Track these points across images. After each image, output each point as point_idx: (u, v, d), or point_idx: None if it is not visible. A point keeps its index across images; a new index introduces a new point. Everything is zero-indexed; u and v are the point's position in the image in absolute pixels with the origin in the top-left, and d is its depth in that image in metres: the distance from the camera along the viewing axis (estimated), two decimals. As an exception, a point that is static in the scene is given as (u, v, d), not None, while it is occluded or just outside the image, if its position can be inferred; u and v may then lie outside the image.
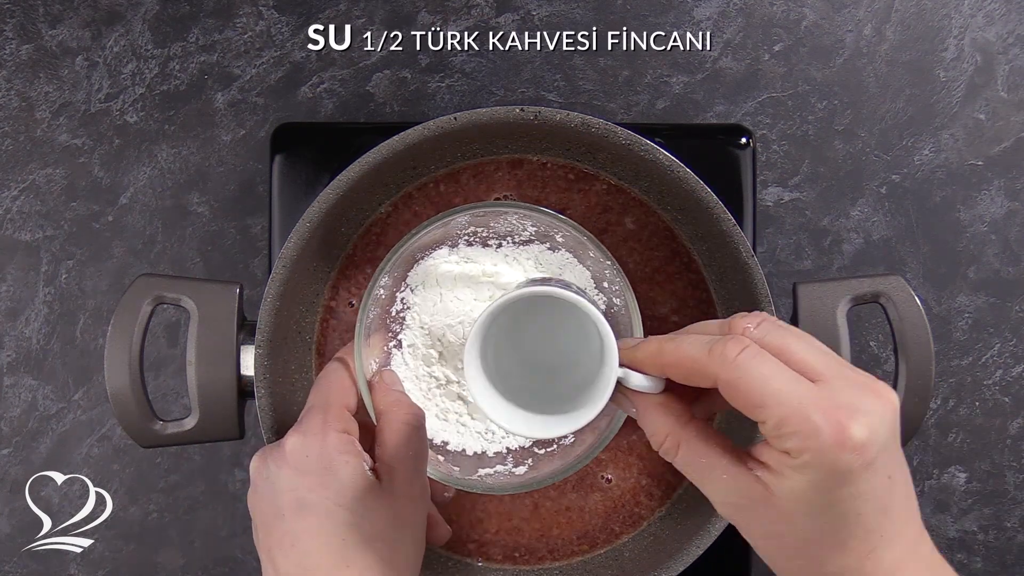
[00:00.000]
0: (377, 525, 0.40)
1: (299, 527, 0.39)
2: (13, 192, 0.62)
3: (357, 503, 0.40)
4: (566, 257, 0.50)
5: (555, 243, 0.49)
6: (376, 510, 0.40)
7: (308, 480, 0.40)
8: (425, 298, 0.49)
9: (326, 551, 0.39)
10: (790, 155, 0.62)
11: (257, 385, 0.48)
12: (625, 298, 0.46)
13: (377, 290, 0.46)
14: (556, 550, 0.53)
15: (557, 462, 0.48)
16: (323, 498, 0.39)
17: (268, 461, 0.41)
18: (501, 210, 0.47)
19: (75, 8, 0.63)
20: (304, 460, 0.40)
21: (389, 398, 0.44)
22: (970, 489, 0.62)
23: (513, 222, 0.48)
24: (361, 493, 0.40)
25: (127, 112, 0.63)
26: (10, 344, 0.62)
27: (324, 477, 0.40)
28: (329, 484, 0.40)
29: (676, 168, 0.48)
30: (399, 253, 0.46)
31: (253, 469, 0.42)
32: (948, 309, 0.62)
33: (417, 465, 0.42)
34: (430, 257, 0.50)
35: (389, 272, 0.47)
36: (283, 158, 0.57)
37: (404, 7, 0.63)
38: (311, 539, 0.39)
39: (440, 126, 0.48)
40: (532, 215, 0.46)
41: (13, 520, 0.62)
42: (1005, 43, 0.62)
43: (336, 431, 0.41)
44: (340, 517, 0.39)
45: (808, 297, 0.49)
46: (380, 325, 0.49)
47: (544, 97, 0.63)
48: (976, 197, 0.62)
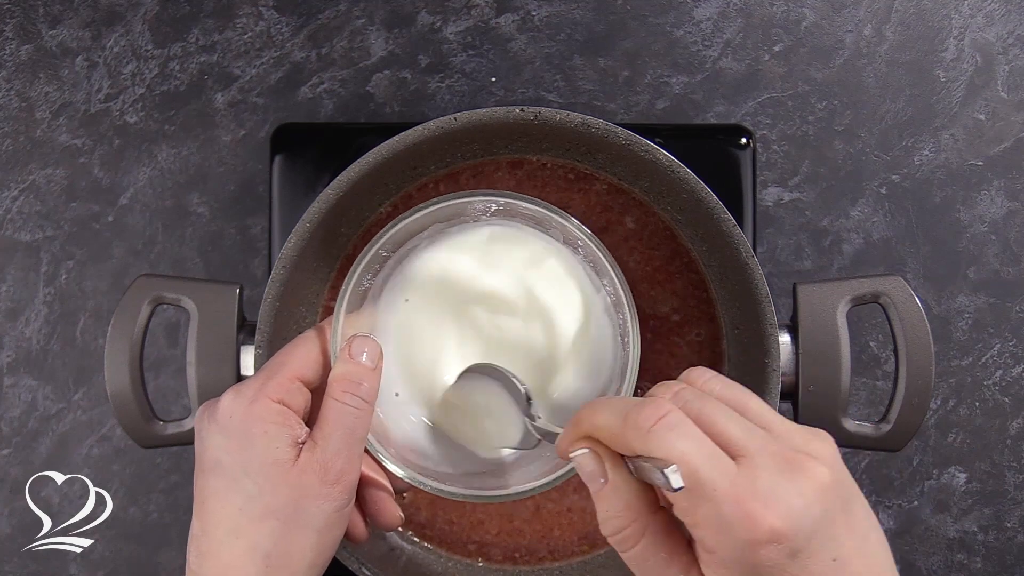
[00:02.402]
0: (277, 502, 0.38)
1: (209, 486, 0.39)
2: (13, 192, 0.62)
3: (261, 475, 0.38)
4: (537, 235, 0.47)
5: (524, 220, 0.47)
6: (279, 486, 0.38)
7: (227, 442, 0.39)
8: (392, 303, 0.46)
9: (223, 516, 0.38)
10: (790, 155, 0.62)
11: (257, 385, 0.48)
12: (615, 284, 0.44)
13: (382, 253, 0.43)
14: (556, 551, 0.53)
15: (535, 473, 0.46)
16: (234, 463, 0.38)
17: (204, 414, 0.40)
18: (468, 200, 0.44)
19: (75, 8, 0.63)
20: (228, 421, 0.39)
21: (341, 369, 0.40)
22: (970, 489, 0.62)
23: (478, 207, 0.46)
24: (269, 466, 0.38)
25: (127, 112, 0.63)
26: (10, 344, 0.62)
27: (240, 442, 0.39)
28: (242, 450, 0.38)
29: (676, 168, 0.48)
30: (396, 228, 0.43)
31: (195, 419, 0.41)
32: (948, 309, 0.62)
33: (344, 448, 0.39)
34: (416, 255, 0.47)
35: (387, 247, 0.44)
36: (283, 158, 0.57)
37: (404, 7, 0.63)
38: (215, 501, 0.39)
39: (440, 126, 0.48)
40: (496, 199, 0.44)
41: (13, 520, 0.62)
42: (1005, 43, 0.62)
43: (269, 398, 0.39)
44: (243, 486, 0.38)
45: (808, 297, 0.49)
46: (379, 295, 0.46)
47: (544, 97, 0.63)
48: (976, 197, 0.62)
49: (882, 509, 0.62)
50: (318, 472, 0.39)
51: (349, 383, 0.40)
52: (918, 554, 0.62)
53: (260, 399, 0.39)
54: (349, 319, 0.43)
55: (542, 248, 0.46)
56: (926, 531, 0.62)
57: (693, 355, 0.53)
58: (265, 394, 0.39)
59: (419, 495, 0.54)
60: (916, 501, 0.62)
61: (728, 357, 0.53)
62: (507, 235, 0.46)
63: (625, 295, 0.41)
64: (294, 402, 0.40)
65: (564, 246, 0.45)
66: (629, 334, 0.42)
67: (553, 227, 0.44)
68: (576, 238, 0.43)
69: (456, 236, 0.46)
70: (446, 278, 0.45)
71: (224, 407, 0.39)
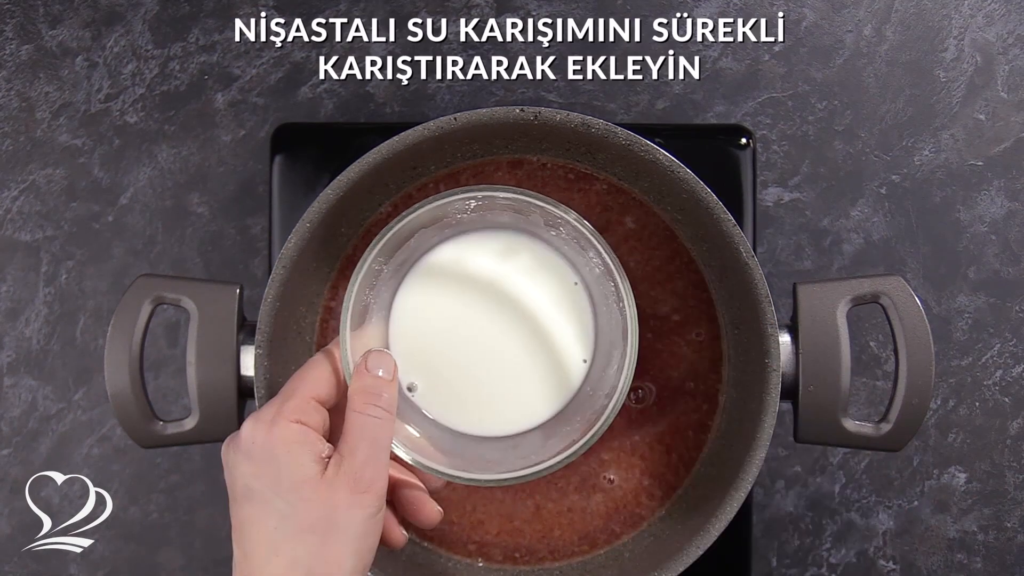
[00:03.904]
0: (311, 517, 0.39)
1: (244, 514, 0.40)
2: (13, 192, 0.62)
3: (292, 493, 0.39)
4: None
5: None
6: (311, 501, 0.39)
7: (254, 468, 0.40)
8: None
9: (260, 539, 0.39)
10: (790, 155, 0.62)
11: (257, 385, 0.48)
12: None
13: (373, 268, 0.44)
14: (557, 551, 0.53)
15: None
16: (264, 486, 0.40)
17: (229, 446, 0.41)
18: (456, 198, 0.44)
19: (75, 8, 0.63)
20: (251, 447, 0.40)
21: (359, 383, 0.42)
22: (970, 489, 0.62)
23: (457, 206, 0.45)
24: (298, 483, 0.39)
25: (127, 112, 0.63)
26: (10, 344, 0.62)
27: (267, 466, 0.40)
28: (270, 473, 0.40)
29: (676, 168, 0.48)
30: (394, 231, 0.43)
31: (222, 453, 0.42)
32: (948, 309, 0.62)
33: (371, 457, 0.41)
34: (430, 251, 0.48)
35: (385, 253, 0.44)
36: (283, 158, 0.57)
37: (404, 7, 0.63)
38: (251, 526, 0.40)
39: (440, 126, 0.48)
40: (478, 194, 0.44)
41: (13, 520, 0.62)
42: (1005, 43, 0.62)
43: (288, 420, 0.40)
44: (275, 506, 0.39)
45: (808, 297, 0.49)
46: (387, 307, 0.47)
47: (544, 97, 0.63)
48: (976, 197, 0.62)
49: (882, 509, 0.62)
50: (348, 483, 0.40)
51: (370, 395, 0.41)
52: (918, 554, 0.62)
53: (279, 422, 0.40)
54: (355, 335, 0.43)
55: (521, 236, 0.47)
56: (926, 531, 0.62)
57: (693, 355, 0.53)
58: (283, 416, 0.40)
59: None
60: (916, 501, 0.62)
61: (728, 357, 0.53)
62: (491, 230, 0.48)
63: (613, 262, 0.42)
64: (313, 421, 0.41)
65: (546, 228, 0.46)
66: (624, 299, 0.43)
67: (532, 211, 0.44)
68: (556, 217, 0.43)
69: (451, 238, 0.47)
70: (451, 276, 0.47)
71: (245, 435, 0.40)
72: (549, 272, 0.47)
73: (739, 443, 0.50)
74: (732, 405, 0.52)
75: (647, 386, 0.53)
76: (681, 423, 0.53)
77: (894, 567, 0.62)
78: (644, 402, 0.53)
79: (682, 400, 0.53)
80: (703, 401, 0.53)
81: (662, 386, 0.53)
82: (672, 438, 0.53)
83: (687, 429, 0.53)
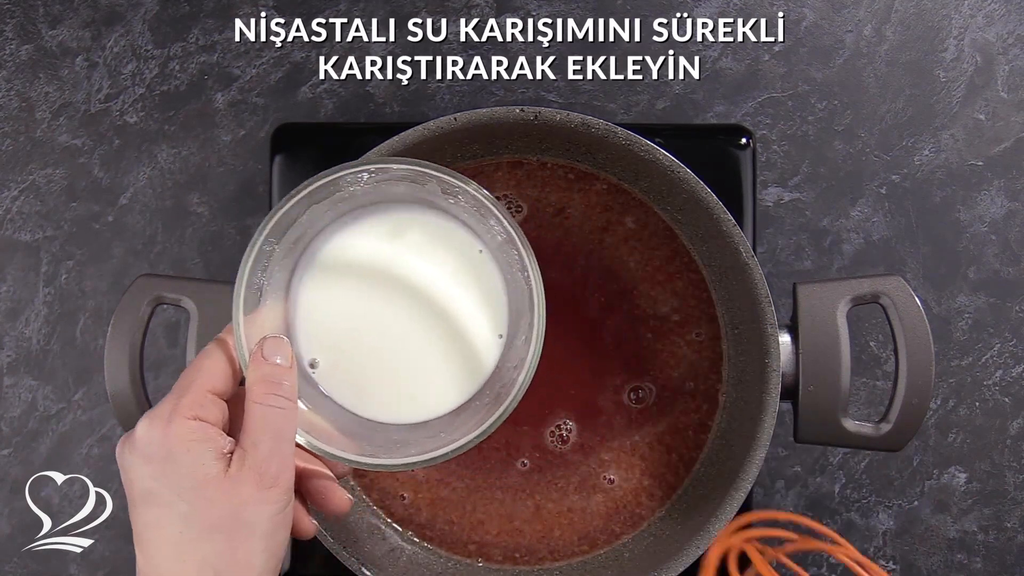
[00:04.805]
0: (216, 517, 0.37)
1: (145, 517, 0.38)
2: (13, 192, 0.62)
3: (195, 493, 0.37)
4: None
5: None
6: (216, 500, 0.37)
7: (152, 468, 0.38)
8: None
9: (164, 544, 0.38)
10: (790, 155, 0.62)
11: (257, 385, 0.48)
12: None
13: (264, 249, 0.41)
14: (557, 551, 0.53)
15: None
16: (164, 488, 0.38)
17: (125, 447, 0.39)
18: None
19: (75, 8, 0.63)
20: (148, 447, 0.38)
21: (257, 372, 0.40)
22: (970, 489, 0.62)
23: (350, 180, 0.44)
24: (200, 483, 0.37)
25: (127, 112, 0.63)
26: (10, 344, 0.62)
27: (166, 465, 0.38)
28: (170, 473, 0.38)
29: (676, 168, 0.48)
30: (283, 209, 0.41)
31: (117, 455, 0.40)
32: (948, 309, 0.62)
33: (275, 450, 0.39)
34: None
35: (275, 233, 0.42)
36: (283, 158, 0.57)
37: (404, 7, 0.63)
38: (153, 531, 0.38)
39: (440, 126, 0.48)
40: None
41: (13, 520, 0.62)
42: (1005, 43, 0.62)
43: (185, 417, 0.38)
44: (178, 508, 0.38)
45: (808, 297, 0.49)
46: (282, 288, 0.44)
47: (544, 97, 0.63)
48: (976, 197, 0.62)
49: (882, 509, 0.62)
50: (253, 479, 0.38)
51: (270, 384, 0.39)
52: (918, 554, 0.62)
53: (176, 419, 0.38)
54: (250, 320, 0.41)
55: (416, 210, 0.45)
56: (926, 531, 0.62)
57: (693, 355, 0.53)
58: (180, 413, 0.38)
59: (419, 496, 0.54)
60: (916, 501, 0.62)
61: (728, 357, 0.53)
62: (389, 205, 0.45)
63: (514, 229, 0.40)
64: (211, 416, 0.39)
65: (444, 197, 0.44)
66: (528, 267, 0.41)
67: (428, 181, 0.42)
68: (453, 186, 0.41)
69: (344, 214, 0.45)
70: (349, 255, 0.45)
71: (141, 435, 0.38)
72: (447, 245, 0.44)
73: (739, 443, 0.50)
74: (732, 405, 0.52)
75: (647, 386, 0.53)
76: (681, 423, 0.53)
77: (894, 567, 0.62)
78: (644, 402, 0.53)
79: (682, 400, 0.53)
80: (703, 401, 0.53)
81: (662, 386, 0.53)
82: (672, 438, 0.53)
83: (687, 429, 0.53)
